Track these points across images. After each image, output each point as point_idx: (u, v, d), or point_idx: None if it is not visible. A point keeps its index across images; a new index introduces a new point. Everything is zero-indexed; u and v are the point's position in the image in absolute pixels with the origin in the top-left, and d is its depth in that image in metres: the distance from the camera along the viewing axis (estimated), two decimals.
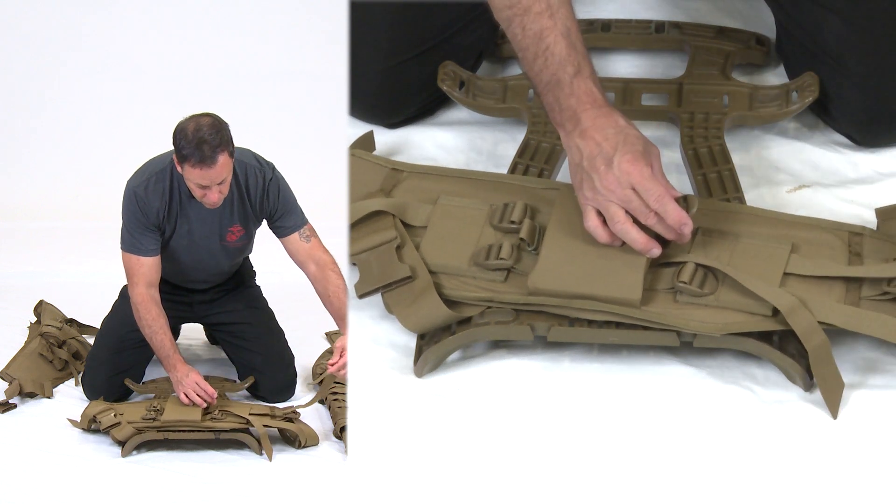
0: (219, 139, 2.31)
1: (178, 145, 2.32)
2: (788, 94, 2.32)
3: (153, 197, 2.44)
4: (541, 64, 2.03)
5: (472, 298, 2.02)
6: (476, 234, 2.09)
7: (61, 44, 4.20)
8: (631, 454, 1.87)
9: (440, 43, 2.39)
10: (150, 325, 2.47)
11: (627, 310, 1.95)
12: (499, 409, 1.95)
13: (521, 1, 2.02)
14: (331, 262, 2.51)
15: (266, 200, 2.48)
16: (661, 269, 2.00)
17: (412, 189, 2.18)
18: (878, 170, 2.31)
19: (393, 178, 2.20)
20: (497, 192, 2.15)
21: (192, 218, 2.48)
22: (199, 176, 2.32)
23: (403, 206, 2.12)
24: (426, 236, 2.10)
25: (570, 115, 2.01)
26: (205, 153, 2.29)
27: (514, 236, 2.06)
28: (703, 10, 2.60)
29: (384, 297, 2.06)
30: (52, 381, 2.64)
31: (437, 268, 2.05)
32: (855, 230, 2.07)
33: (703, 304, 1.97)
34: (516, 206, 2.10)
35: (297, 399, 2.59)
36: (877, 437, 1.88)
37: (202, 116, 2.34)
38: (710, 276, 1.98)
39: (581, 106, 2.00)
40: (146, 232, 2.46)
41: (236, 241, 2.53)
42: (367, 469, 1.88)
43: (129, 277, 2.50)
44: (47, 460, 2.29)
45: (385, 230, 2.09)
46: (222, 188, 2.37)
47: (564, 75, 2.01)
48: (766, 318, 1.94)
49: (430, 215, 2.12)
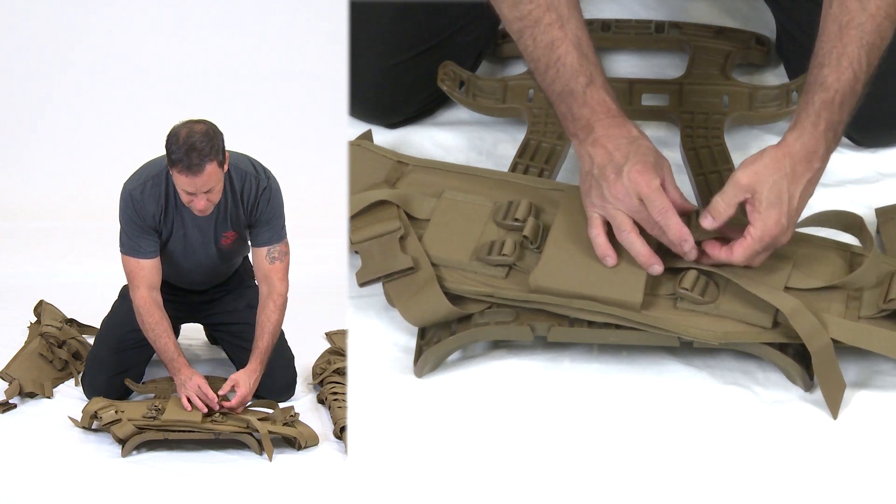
0: (209, 148, 2.30)
1: (168, 149, 2.32)
2: (788, 94, 2.32)
3: (149, 200, 2.44)
4: (553, 75, 2.03)
5: (473, 293, 2.02)
6: (479, 229, 2.09)
7: (61, 44, 4.19)
8: (631, 454, 1.87)
9: (440, 43, 2.39)
10: (153, 329, 2.47)
11: (627, 313, 1.95)
12: (499, 409, 1.95)
13: (532, 13, 2.02)
14: (279, 293, 2.51)
15: (255, 208, 2.48)
16: (663, 275, 2.00)
17: (417, 182, 2.18)
18: (878, 170, 2.31)
19: (398, 171, 2.20)
20: (502, 190, 2.15)
21: (188, 222, 2.48)
22: (186, 182, 2.32)
23: (408, 198, 2.13)
24: (429, 229, 2.10)
25: (584, 125, 2.01)
26: (192, 160, 2.29)
27: (518, 234, 2.07)
28: (703, 10, 2.60)
29: (385, 287, 2.05)
30: (52, 381, 2.63)
31: (438, 261, 2.05)
32: (856, 251, 2.06)
33: (702, 312, 1.97)
34: (521, 204, 2.10)
35: (297, 399, 2.59)
36: (877, 437, 1.88)
37: (197, 123, 2.34)
38: (712, 284, 1.98)
39: (595, 116, 2.00)
40: (144, 234, 2.46)
41: (230, 244, 2.53)
42: (367, 469, 1.88)
43: (131, 281, 2.50)
44: (47, 460, 2.29)
45: (389, 220, 2.09)
46: (210, 196, 2.36)
47: (577, 86, 2.01)
48: (765, 331, 1.94)
49: (434, 209, 2.12)
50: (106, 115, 4.20)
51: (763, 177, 1.91)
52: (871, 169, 2.31)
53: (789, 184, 1.92)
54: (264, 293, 2.52)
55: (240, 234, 2.53)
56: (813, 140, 1.94)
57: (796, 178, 1.92)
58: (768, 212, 1.91)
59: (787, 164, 1.92)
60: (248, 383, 2.44)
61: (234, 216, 2.49)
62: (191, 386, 2.39)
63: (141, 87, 4.20)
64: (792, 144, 1.93)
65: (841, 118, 1.96)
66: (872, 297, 1.98)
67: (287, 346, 2.66)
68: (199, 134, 2.30)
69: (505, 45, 2.53)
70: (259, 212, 2.48)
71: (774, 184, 1.91)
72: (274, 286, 2.52)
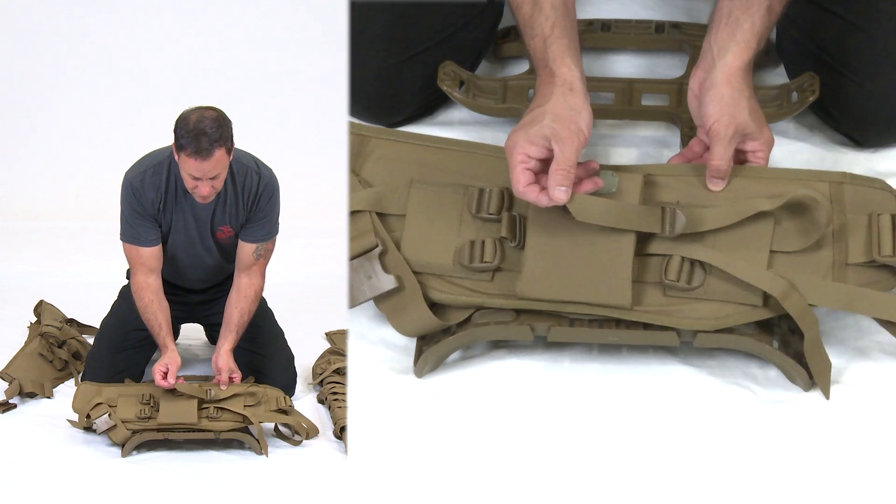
0: (219, 134, 2.32)
1: (177, 133, 2.33)
2: (788, 94, 2.32)
3: (149, 189, 2.45)
4: (529, 9, 2.09)
5: (462, 303, 2.01)
6: (455, 224, 2.07)
7: (62, 44, 4.19)
8: (631, 454, 1.87)
9: (440, 43, 2.39)
10: (145, 310, 2.50)
11: (620, 312, 1.96)
12: (499, 409, 1.95)
13: None
14: (258, 287, 2.55)
15: (256, 203, 2.48)
16: (647, 259, 2.00)
17: (384, 158, 2.15)
18: (878, 170, 2.31)
19: (363, 148, 2.18)
20: (469, 165, 2.13)
21: (188, 213, 2.49)
22: (194, 167, 2.33)
23: (379, 198, 2.11)
24: (406, 230, 2.08)
25: (544, 66, 2.07)
26: (202, 145, 2.30)
27: (496, 231, 2.06)
28: (703, 10, 2.59)
29: (376, 303, 2.06)
30: (52, 381, 2.64)
31: (421, 267, 2.05)
32: (835, 179, 2.07)
33: (693, 297, 1.97)
34: (492, 194, 2.08)
35: (297, 399, 2.59)
36: (877, 437, 1.88)
37: (207, 109, 2.35)
38: (698, 266, 1.98)
39: (538, 75, 2.08)
40: (144, 222, 2.47)
41: (226, 238, 2.54)
42: (367, 469, 1.88)
43: (130, 266, 2.54)
44: (47, 460, 2.29)
45: (365, 235, 2.08)
46: (214, 183, 2.37)
47: (536, 36, 2.08)
48: (756, 308, 1.95)
49: (408, 203, 2.11)
50: (106, 114, 4.20)
51: (735, 113, 2.04)
52: (871, 169, 2.31)
53: (749, 97, 2.07)
54: (243, 283, 2.54)
55: (237, 231, 2.53)
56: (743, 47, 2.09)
57: (748, 86, 2.08)
58: (763, 133, 2.07)
59: (737, 82, 2.06)
60: (222, 358, 2.48)
61: (232, 210, 2.49)
62: (157, 366, 2.43)
63: (141, 87, 4.20)
64: (731, 64, 2.07)
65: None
66: (858, 241, 1.99)
67: (287, 346, 2.66)
68: (210, 120, 2.32)
69: (505, 45, 2.53)
70: (259, 207, 2.49)
71: (748, 112, 2.05)
72: (254, 279, 2.55)
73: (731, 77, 2.06)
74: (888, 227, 2.00)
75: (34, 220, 3.93)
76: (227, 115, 2.37)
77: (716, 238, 2.01)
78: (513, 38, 2.51)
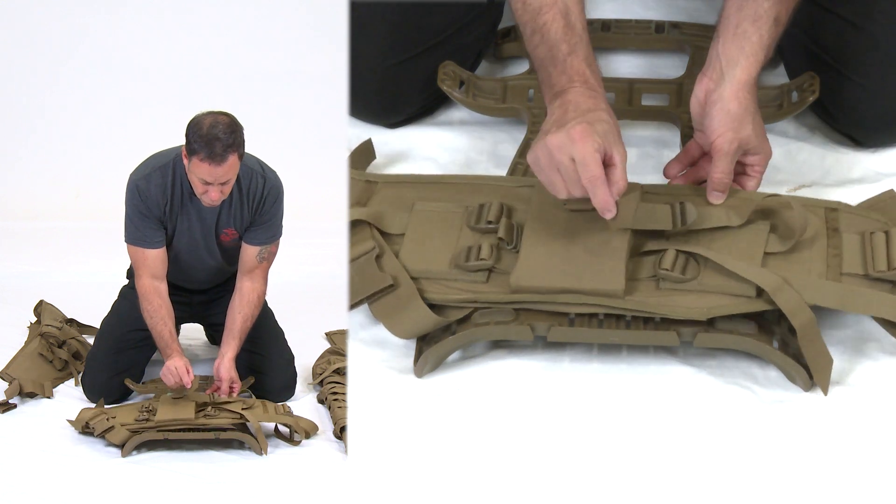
0: (232, 139, 2.32)
1: (189, 137, 2.33)
2: (788, 94, 2.32)
3: (155, 191, 2.45)
4: (537, 40, 2.06)
5: (456, 301, 2.02)
6: (454, 236, 2.09)
7: (62, 44, 4.20)
8: (631, 454, 1.87)
9: (440, 43, 2.39)
10: (151, 315, 2.49)
11: (612, 301, 1.96)
12: (499, 409, 1.95)
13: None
14: (261, 291, 2.55)
15: (262, 206, 2.48)
16: (641, 258, 2.01)
17: (388, 198, 2.18)
18: (877, 170, 2.31)
19: (368, 191, 2.20)
20: (472, 193, 2.15)
21: (193, 216, 2.48)
22: (206, 172, 2.32)
23: (380, 215, 2.12)
24: (405, 243, 2.09)
25: (558, 91, 2.03)
26: (215, 150, 2.30)
27: (493, 236, 2.06)
28: (703, 10, 2.59)
29: (371, 308, 2.06)
30: (52, 381, 2.63)
31: (418, 273, 2.05)
32: (831, 206, 2.08)
33: (686, 290, 1.97)
34: (492, 205, 2.10)
35: (297, 399, 2.59)
36: (877, 437, 1.88)
37: (220, 114, 2.35)
38: (692, 261, 1.99)
39: (570, 84, 2.03)
40: (149, 224, 2.47)
41: (230, 241, 2.54)
42: (367, 469, 1.88)
43: (135, 269, 2.53)
44: (47, 460, 2.29)
45: (363, 241, 2.09)
46: (224, 188, 2.37)
47: (558, 53, 2.03)
48: (750, 300, 1.95)
49: (408, 222, 2.12)
50: (106, 114, 4.20)
51: (740, 128, 2.04)
52: (871, 169, 2.31)
53: (754, 113, 2.06)
54: (246, 287, 2.53)
55: (241, 234, 2.53)
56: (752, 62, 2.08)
57: (753, 100, 2.07)
58: (763, 147, 2.08)
59: (744, 97, 2.06)
60: (225, 367, 2.48)
61: (237, 213, 2.49)
62: (168, 364, 2.43)
63: (141, 87, 4.20)
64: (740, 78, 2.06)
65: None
66: (853, 254, 1.99)
67: (287, 346, 2.66)
68: (224, 125, 2.32)
69: (505, 45, 2.53)
70: (264, 210, 2.49)
71: (752, 128, 2.05)
72: (256, 283, 2.54)
73: (738, 91, 2.05)
74: (882, 243, 2.00)
75: (34, 220, 3.93)
76: (239, 122, 2.37)
77: (711, 241, 2.01)
78: (513, 38, 2.52)
